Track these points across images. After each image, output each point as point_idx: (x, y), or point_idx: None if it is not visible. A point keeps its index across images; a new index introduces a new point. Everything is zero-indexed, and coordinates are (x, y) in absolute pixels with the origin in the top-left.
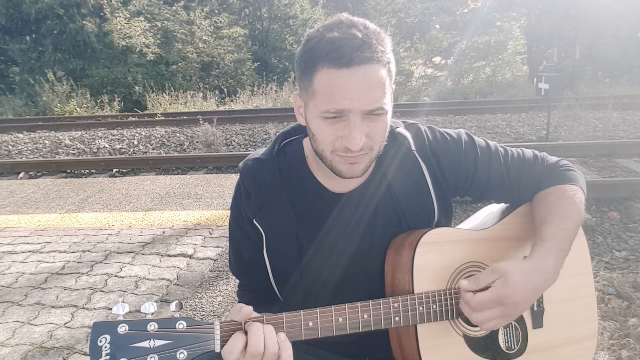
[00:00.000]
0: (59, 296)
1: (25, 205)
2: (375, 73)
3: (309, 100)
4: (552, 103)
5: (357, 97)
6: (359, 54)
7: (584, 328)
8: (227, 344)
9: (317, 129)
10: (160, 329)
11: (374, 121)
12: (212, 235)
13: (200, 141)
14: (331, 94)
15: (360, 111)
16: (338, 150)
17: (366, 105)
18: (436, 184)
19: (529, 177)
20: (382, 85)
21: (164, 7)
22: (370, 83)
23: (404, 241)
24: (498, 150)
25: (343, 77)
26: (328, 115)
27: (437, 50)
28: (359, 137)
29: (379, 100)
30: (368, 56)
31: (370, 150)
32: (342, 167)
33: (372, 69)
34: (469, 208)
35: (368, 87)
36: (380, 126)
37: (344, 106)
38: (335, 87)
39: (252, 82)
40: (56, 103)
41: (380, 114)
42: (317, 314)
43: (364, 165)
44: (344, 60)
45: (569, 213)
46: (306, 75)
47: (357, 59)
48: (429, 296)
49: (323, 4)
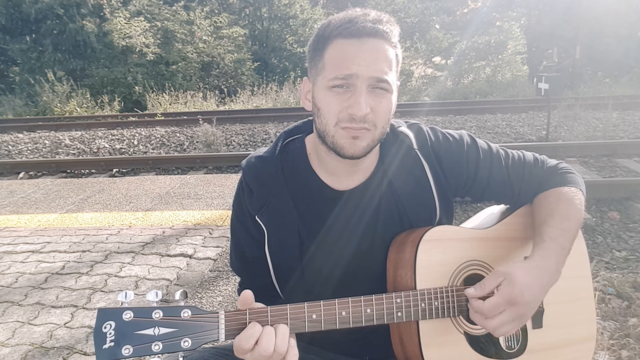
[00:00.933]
0: (59, 296)
1: (25, 205)
2: (382, 47)
3: (318, 76)
4: (552, 103)
5: (365, 63)
6: (369, 25)
7: (583, 329)
8: (243, 332)
9: (323, 101)
10: (165, 316)
11: (379, 96)
12: (212, 235)
13: (200, 141)
14: (341, 61)
15: (368, 77)
16: (342, 121)
17: (374, 72)
18: (438, 183)
19: (529, 179)
20: (389, 61)
21: (164, 7)
22: (378, 55)
23: (406, 238)
24: (499, 152)
25: (353, 45)
26: (336, 83)
27: (437, 50)
28: (365, 103)
29: (385, 72)
30: (379, 29)
31: (373, 127)
32: (345, 142)
33: (380, 43)
34: (469, 208)
35: (376, 58)
36: (385, 104)
37: (352, 70)
38: (345, 54)
39: (252, 82)
40: (56, 103)
41: (385, 89)
42: (320, 306)
43: (366, 143)
44: (354, 29)
45: (569, 213)
46: (318, 52)
47: (367, 29)
48: (431, 293)
49: (323, 4)
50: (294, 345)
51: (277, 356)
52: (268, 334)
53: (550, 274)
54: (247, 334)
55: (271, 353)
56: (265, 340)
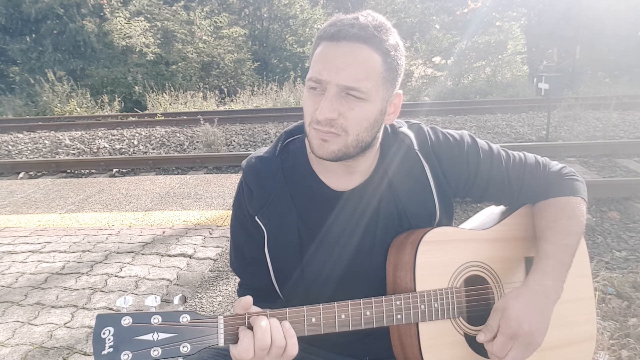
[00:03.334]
0: (59, 296)
1: (25, 205)
2: (361, 53)
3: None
4: (552, 103)
5: (335, 69)
6: (349, 29)
7: (583, 330)
8: (238, 345)
9: (304, 99)
10: (164, 322)
11: (351, 103)
12: (212, 235)
13: (200, 141)
14: (317, 63)
15: (336, 85)
16: (313, 122)
17: (343, 80)
18: (438, 183)
19: (530, 182)
20: (367, 67)
21: (164, 7)
22: (352, 61)
23: (406, 240)
24: (500, 153)
25: (330, 48)
26: (310, 85)
27: (437, 50)
28: (328, 108)
29: (358, 80)
30: (357, 33)
31: (343, 133)
32: (315, 143)
33: (359, 48)
34: (469, 208)
35: (349, 64)
36: (358, 111)
37: (322, 76)
38: (321, 57)
39: (252, 82)
40: (56, 103)
41: (358, 97)
42: (320, 310)
43: (336, 147)
44: (335, 32)
45: (570, 228)
46: (312, 53)
47: (344, 32)
48: (431, 295)
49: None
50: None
51: (277, 349)
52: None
53: (546, 295)
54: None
55: (269, 344)
56: (260, 333)
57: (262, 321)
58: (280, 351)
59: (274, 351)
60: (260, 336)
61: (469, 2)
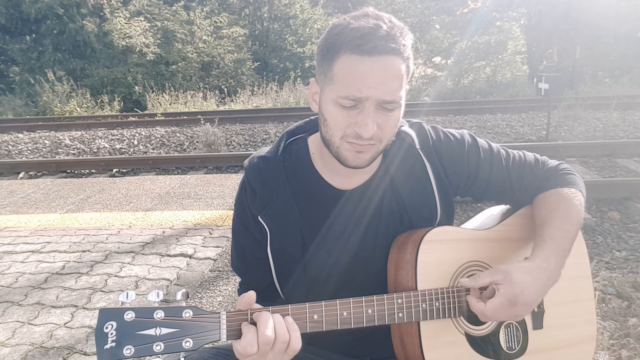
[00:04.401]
0: (59, 296)
1: (25, 205)
2: (395, 65)
3: (326, 85)
4: (552, 103)
5: (375, 85)
6: (382, 44)
7: (583, 330)
8: (242, 339)
9: (330, 113)
10: (167, 317)
11: (387, 113)
12: (212, 235)
13: (200, 141)
14: (351, 81)
15: (377, 100)
16: (348, 136)
17: (383, 95)
18: (439, 182)
19: (530, 180)
20: (399, 78)
21: (164, 7)
22: (389, 74)
23: (407, 239)
24: (500, 152)
25: (364, 64)
26: (345, 103)
27: (437, 50)
28: (372, 125)
29: (395, 92)
30: (391, 47)
31: (378, 142)
32: (349, 155)
33: (392, 60)
34: (469, 208)
35: (386, 78)
36: (392, 119)
37: (362, 93)
38: (355, 74)
39: (252, 82)
40: (56, 103)
41: (393, 107)
42: (322, 307)
43: (370, 155)
44: (367, 47)
45: (569, 215)
46: (327, 60)
47: (379, 47)
48: (432, 294)
49: (323, 4)
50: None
51: (280, 344)
52: (266, 322)
53: (550, 275)
54: (248, 339)
55: (273, 339)
56: (263, 327)
57: (266, 316)
58: (284, 346)
59: (277, 346)
60: (264, 331)
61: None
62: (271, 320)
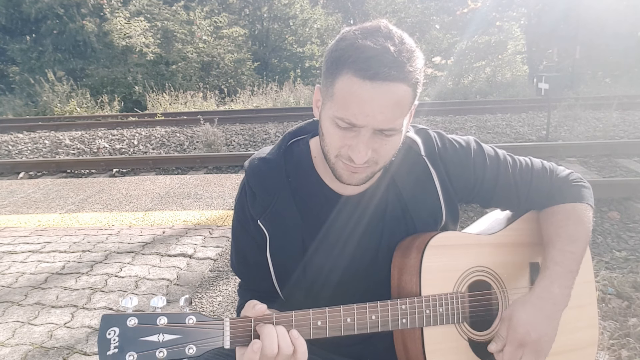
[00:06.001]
0: (59, 296)
1: (25, 205)
2: (397, 92)
3: (327, 100)
4: (552, 103)
5: (372, 113)
6: (385, 70)
7: (585, 335)
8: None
9: (327, 130)
10: (170, 323)
11: (384, 139)
12: (212, 235)
13: (200, 141)
14: (348, 104)
15: (372, 128)
16: (342, 157)
17: (379, 124)
18: (444, 189)
19: (537, 189)
20: (401, 105)
21: (164, 7)
22: (389, 102)
23: (411, 244)
24: (506, 160)
25: (364, 89)
26: (341, 124)
27: (437, 50)
28: (365, 151)
29: (393, 121)
30: (394, 75)
31: (374, 164)
32: (343, 173)
33: (395, 87)
34: (469, 208)
35: (386, 106)
36: (390, 145)
37: (358, 121)
38: (353, 98)
39: (252, 82)
40: (56, 103)
41: (391, 134)
42: (326, 313)
43: (365, 175)
44: (369, 73)
45: (577, 234)
46: (330, 74)
47: (382, 74)
48: (436, 299)
49: (323, 3)
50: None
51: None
52: (269, 335)
53: (555, 301)
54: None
55: (276, 352)
56: (267, 341)
57: (269, 329)
58: (287, 358)
59: (280, 358)
60: (267, 344)
61: (469, 2)
62: (275, 333)
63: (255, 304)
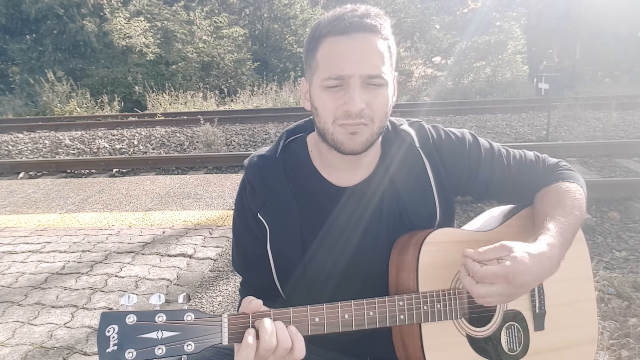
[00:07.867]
0: (59, 296)
1: (25, 205)
2: (373, 42)
3: (313, 76)
4: (552, 103)
5: (356, 62)
6: (357, 20)
7: (584, 332)
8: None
9: (319, 101)
10: (169, 320)
11: (374, 91)
12: (212, 235)
13: (200, 141)
14: (332, 61)
15: (360, 76)
16: (339, 118)
17: (365, 70)
18: (438, 181)
19: (531, 178)
20: (381, 54)
21: (164, 7)
22: (369, 50)
23: (408, 241)
24: (500, 151)
25: (343, 43)
26: (330, 84)
27: (437, 50)
28: (359, 100)
29: (377, 67)
30: (367, 23)
31: (370, 122)
32: (343, 138)
33: (370, 37)
34: (469, 208)
35: (367, 53)
36: (381, 97)
37: (344, 71)
38: (335, 54)
39: (252, 82)
40: (56, 103)
41: (379, 84)
42: (323, 309)
43: (365, 137)
44: (342, 25)
45: (571, 207)
46: (311, 52)
47: (355, 24)
48: (434, 295)
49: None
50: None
51: (282, 350)
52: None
53: (551, 263)
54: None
55: (274, 346)
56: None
57: (267, 322)
58: (285, 352)
59: (279, 352)
60: (266, 337)
61: (469, 2)
62: (273, 327)
63: (252, 300)
